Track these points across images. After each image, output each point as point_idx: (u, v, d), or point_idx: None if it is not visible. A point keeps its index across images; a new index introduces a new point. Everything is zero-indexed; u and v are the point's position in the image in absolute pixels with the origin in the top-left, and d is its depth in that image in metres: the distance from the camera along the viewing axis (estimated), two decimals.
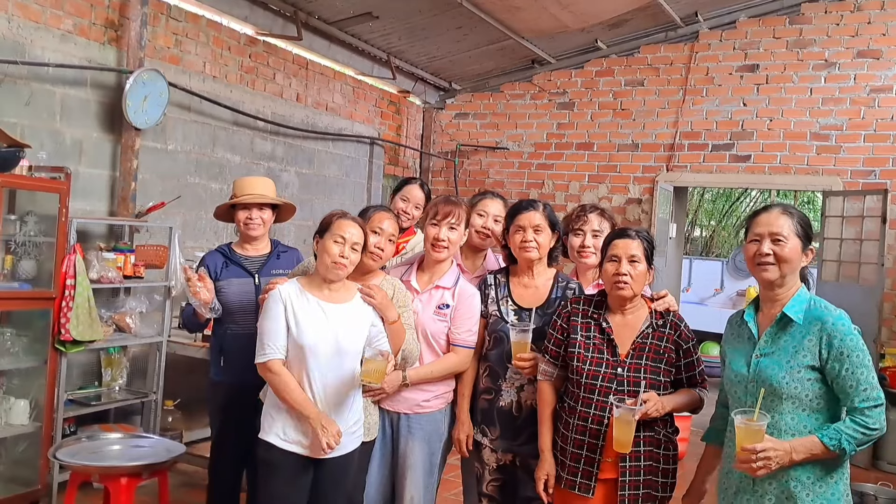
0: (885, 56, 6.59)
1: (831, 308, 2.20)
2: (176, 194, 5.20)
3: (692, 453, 4.96)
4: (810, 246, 2.26)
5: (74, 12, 4.57)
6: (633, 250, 2.54)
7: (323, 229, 2.69)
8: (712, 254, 14.43)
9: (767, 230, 2.25)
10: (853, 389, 2.10)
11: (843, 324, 2.15)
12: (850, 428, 2.09)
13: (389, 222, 2.92)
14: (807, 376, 2.15)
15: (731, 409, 2.34)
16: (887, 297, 6.33)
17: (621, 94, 7.58)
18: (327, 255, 2.62)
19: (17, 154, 3.86)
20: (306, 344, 2.59)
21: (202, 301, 3.05)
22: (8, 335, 3.99)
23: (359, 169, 7.33)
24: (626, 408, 2.39)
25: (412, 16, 6.28)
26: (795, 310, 2.20)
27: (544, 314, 2.84)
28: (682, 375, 2.61)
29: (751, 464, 2.07)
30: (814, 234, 2.30)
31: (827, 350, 2.13)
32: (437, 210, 2.95)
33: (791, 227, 2.23)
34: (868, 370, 2.11)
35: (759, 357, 2.24)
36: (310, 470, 2.65)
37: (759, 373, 2.21)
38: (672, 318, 2.61)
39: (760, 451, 2.06)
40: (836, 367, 2.11)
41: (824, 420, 2.17)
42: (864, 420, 2.08)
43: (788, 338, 2.20)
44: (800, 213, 2.29)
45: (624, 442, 2.41)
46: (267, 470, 2.65)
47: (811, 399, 2.15)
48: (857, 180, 6.63)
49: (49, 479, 4.02)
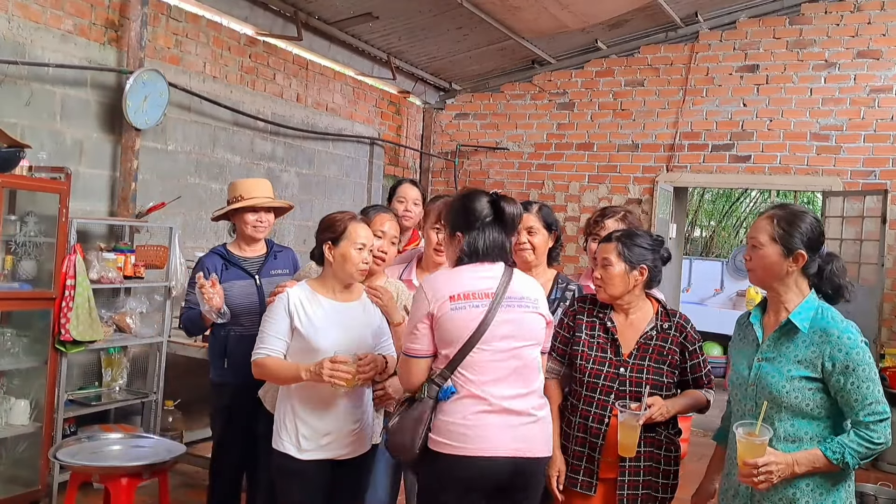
0: (885, 56, 6.59)
1: (838, 319, 2.15)
2: (176, 195, 5.20)
3: (693, 453, 4.97)
4: (798, 251, 2.17)
5: (74, 12, 4.57)
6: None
7: (336, 236, 2.66)
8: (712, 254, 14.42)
9: (749, 234, 2.27)
10: (858, 403, 2.07)
11: (849, 336, 2.10)
12: (854, 442, 2.06)
13: (391, 224, 2.95)
14: (807, 386, 2.12)
15: (733, 411, 2.34)
16: (887, 298, 6.34)
17: (621, 94, 7.59)
18: (351, 264, 2.64)
19: (17, 154, 3.86)
20: (323, 346, 2.57)
21: (214, 307, 3.04)
22: (8, 335, 3.98)
23: (359, 169, 7.33)
24: (630, 412, 2.38)
25: (412, 16, 6.28)
26: (802, 317, 2.16)
27: None
28: (689, 377, 2.60)
29: (752, 478, 2.05)
30: (809, 236, 2.18)
31: (831, 363, 2.09)
32: (437, 213, 2.96)
33: (770, 232, 2.19)
34: (874, 384, 2.07)
35: (761, 361, 2.22)
36: (327, 471, 2.64)
37: (760, 378, 2.19)
38: (678, 320, 2.61)
39: (762, 466, 2.04)
40: (840, 380, 2.08)
41: (825, 427, 2.14)
42: (869, 434, 2.06)
43: (791, 345, 2.17)
44: (790, 217, 2.21)
45: (628, 446, 2.41)
46: (285, 478, 2.63)
47: (811, 408, 2.13)
48: (856, 181, 6.63)
49: (49, 479, 4.02)
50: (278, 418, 2.67)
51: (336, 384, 2.46)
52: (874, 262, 6.09)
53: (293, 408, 2.61)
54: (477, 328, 2.28)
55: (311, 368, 2.49)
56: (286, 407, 2.64)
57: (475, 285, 2.33)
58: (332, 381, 2.44)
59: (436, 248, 2.96)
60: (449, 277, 2.37)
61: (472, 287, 2.32)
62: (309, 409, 2.60)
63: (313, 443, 2.59)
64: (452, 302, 2.28)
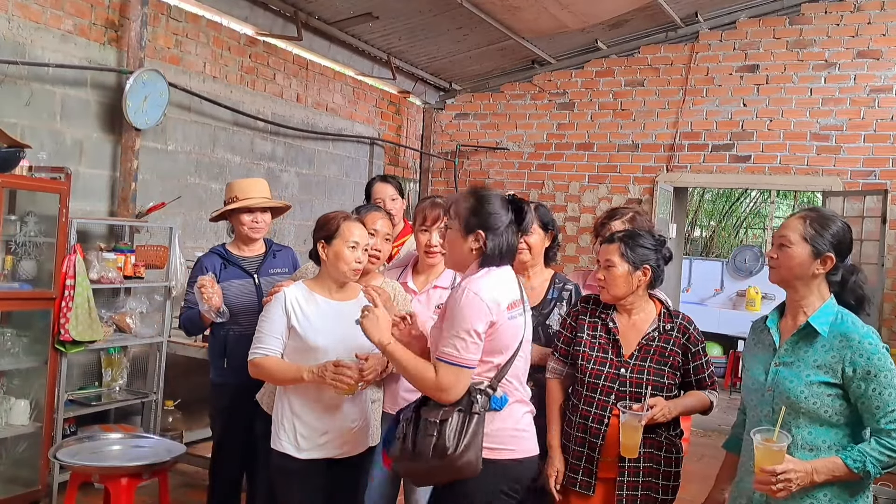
0: (885, 56, 6.59)
1: (859, 324, 2.11)
2: (176, 195, 5.20)
3: (693, 453, 4.97)
4: (827, 253, 2.14)
5: (74, 12, 4.57)
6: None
7: (329, 234, 2.66)
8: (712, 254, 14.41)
9: (779, 233, 2.23)
10: (879, 410, 2.02)
11: (870, 342, 2.06)
12: (875, 450, 2.01)
13: (383, 222, 2.97)
14: (826, 392, 2.07)
15: (748, 417, 2.29)
16: (887, 298, 6.34)
17: (621, 94, 7.59)
18: (344, 263, 2.63)
19: (17, 154, 3.86)
20: (321, 345, 2.57)
21: (213, 306, 3.04)
22: (8, 335, 3.98)
23: (359, 169, 7.33)
24: (631, 413, 2.38)
25: (412, 16, 6.28)
26: (821, 321, 2.12)
27: (539, 314, 2.85)
28: (691, 378, 2.59)
29: (770, 486, 2.00)
30: (840, 241, 2.15)
31: (852, 368, 2.04)
32: (424, 216, 2.95)
33: (801, 232, 2.16)
34: (895, 390, 2.02)
35: (779, 365, 2.17)
36: (326, 470, 2.64)
37: (777, 383, 2.15)
38: (681, 321, 2.60)
39: (781, 474, 1.99)
40: (861, 385, 2.03)
41: (844, 435, 2.10)
42: (891, 442, 2.00)
43: (810, 350, 2.13)
44: (822, 219, 2.18)
45: (630, 447, 2.41)
46: (284, 478, 2.63)
47: (830, 415, 2.08)
48: (857, 181, 6.63)
49: (49, 479, 4.02)
50: (276, 418, 2.67)
51: (339, 389, 2.46)
52: (874, 262, 6.09)
53: (290, 407, 2.61)
54: (524, 335, 2.32)
55: (313, 370, 2.49)
56: (283, 406, 2.64)
57: (515, 292, 2.32)
58: (335, 384, 2.44)
59: (426, 250, 2.95)
60: (496, 284, 2.28)
61: (514, 294, 2.31)
62: (307, 409, 2.60)
63: (311, 442, 2.59)
64: (509, 311, 2.26)
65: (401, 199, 3.86)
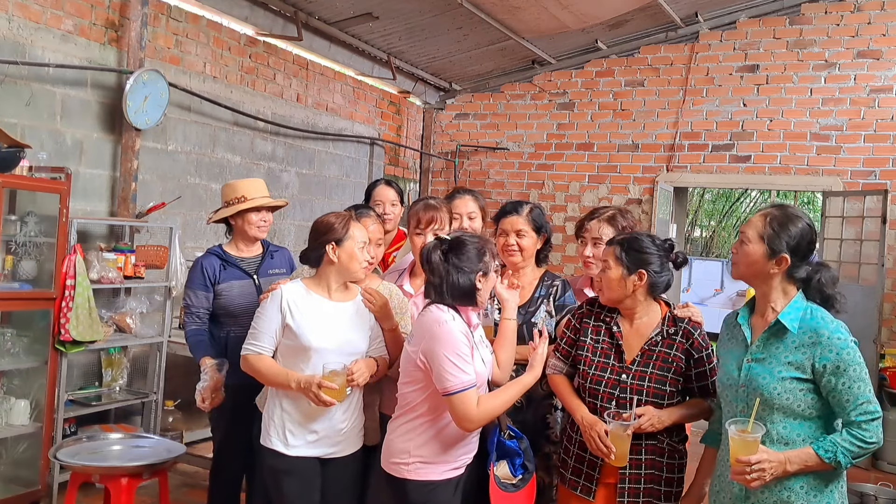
0: (885, 56, 6.59)
1: (829, 319, 2.14)
2: (176, 195, 5.20)
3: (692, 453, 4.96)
4: (782, 254, 2.15)
5: (75, 13, 4.57)
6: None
7: (340, 237, 2.66)
8: (712, 254, 14.44)
9: (742, 228, 2.27)
10: (850, 403, 2.06)
11: (839, 337, 2.09)
12: (846, 441, 2.06)
13: (375, 226, 3.00)
14: (798, 387, 2.11)
15: (723, 412, 2.32)
16: (887, 298, 6.33)
17: (621, 94, 7.59)
18: (357, 262, 2.67)
19: (17, 154, 3.86)
20: (315, 345, 2.58)
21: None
22: (8, 335, 3.98)
23: (359, 169, 7.34)
24: (617, 423, 2.37)
25: (412, 16, 6.28)
26: (791, 318, 2.15)
27: (525, 312, 2.87)
28: (693, 385, 2.52)
29: (745, 475, 2.05)
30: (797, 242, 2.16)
31: (822, 364, 2.08)
32: (418, 218, 2.96)
33: (759, 230, 2.19)
34: (865, 384, 2.07)
35: (751, 362, 2.20)
36: (318, 468, 2.65)
37: (750, 379, 2.17)
38: (685, 326, 2.52)
39: (755, 464, 2.04)
40: (832, 380, 2.07)
41: (817, 427, 2.13)
42: (861, 434, 2.05)
43: (781, 346, 2.15)
44: (783, 218, 2.18)
45: (619, 455, 2.39)
46: (278, 477, 2.63)
47: (803, 409, 2.12)
48: (857, 181, 6.63)
49: (49, 479, 4.02)
50: (266, 415, 2.69)
51: (324, 401, 2.49)
52: (874, 262, 6.08)
53: (281, 403, 2.64)
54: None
55: (301, 382, 2.53)
56: (274, 403, 2.66)
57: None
58: (318, 399, 2.48)
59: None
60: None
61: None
62: (297, 407, 2.62)
63: (300, 438, 2.61)
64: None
65: (400, 205, 3.84)
